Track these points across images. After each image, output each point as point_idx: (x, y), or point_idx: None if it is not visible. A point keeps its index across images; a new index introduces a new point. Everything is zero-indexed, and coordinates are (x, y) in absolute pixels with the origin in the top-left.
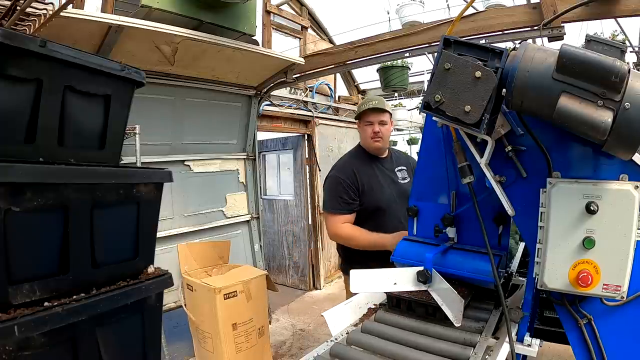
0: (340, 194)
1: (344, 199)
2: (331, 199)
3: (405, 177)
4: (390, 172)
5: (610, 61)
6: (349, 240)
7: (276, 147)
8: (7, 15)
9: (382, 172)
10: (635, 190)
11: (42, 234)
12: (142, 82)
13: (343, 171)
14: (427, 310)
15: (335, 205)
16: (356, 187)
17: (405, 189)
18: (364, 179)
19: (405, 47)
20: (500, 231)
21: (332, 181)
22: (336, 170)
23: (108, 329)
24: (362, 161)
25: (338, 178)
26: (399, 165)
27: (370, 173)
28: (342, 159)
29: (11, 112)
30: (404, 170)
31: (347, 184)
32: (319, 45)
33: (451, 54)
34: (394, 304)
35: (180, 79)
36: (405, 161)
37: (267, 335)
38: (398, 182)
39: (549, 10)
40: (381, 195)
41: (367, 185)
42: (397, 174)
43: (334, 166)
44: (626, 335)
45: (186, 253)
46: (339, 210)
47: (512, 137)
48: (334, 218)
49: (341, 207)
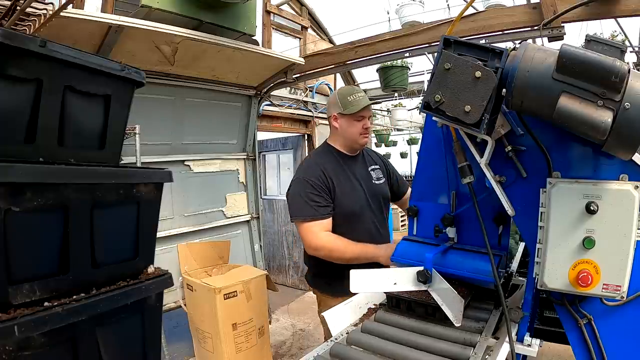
0: (312, 197)
1: (317, 202)
2: (301, 205)
3: (380, 177)
4: (364, 172)
5: (610, 61)
6: (331, 253)
7: (276, 147)
8: (7, 15)
9: (354, 173)
10: (635, 190)
11: (42, 234)
12: (142, 82)
13: (310, 172)
14: (426, 310)
15: (308, 210)
16: (328, 188)
17: (380, 191)
18: (334, 180)
19: (405, 47)
20: (500, 231)
21: (299, 185)
22: (302, 172)
23: (108, 329)
24: (330, 161)
25: (306, 180)
26: (371, 164)
27: (340, 174)
28: (306, 161)
29: (11, 112)
30: (378, 169)
31: (318, 186)
32: (319, 45)
33: (451, 54)
34: (393, 304)
35: (180, 79)
36: (378, 160)
37: (267, 335)
38: (373, 182)
39: (549, 10)
40: (355, 198)
41: (338, 188)
42: (371, 174)
43: (297, 170)
44: (626, 335)
45: (186, 253)
46: (313, 216)
47: (512, 137)
48: (308, 226)
49: (316, 211)
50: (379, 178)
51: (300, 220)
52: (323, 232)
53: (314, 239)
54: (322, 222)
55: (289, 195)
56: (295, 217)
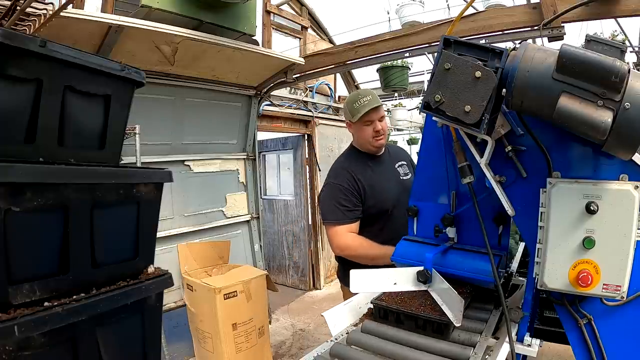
0: (341, 201)
1: (346, 206)
2: (331, 209)
3: (407, 172)
4: (391, 169)
5: (610, 61)
6: (356, 252)
7: (276, 147)
8: (7, 15)
9: (382, 171)
10: (635, 190)
11: (42, 234)
12: (142, 82)
13: (340, 177)
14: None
15: (337, 215)
16: (358, 192)
17: (409, 186)
18: (364, 182)
19: (405, 47)
20: (500, 231)
21: (330, 190)
22: (332, 177)
23: (108, 329)
24: (358, 163)
25: (336, 185)
26: (398, 160)
27: (369, 174)
28: (335, 166)
29: (11, 112)
30: (405, 165)
31: (348, 190)
32: (319, 45)
33: (451, 54)
34: (381, 315)
35: (180, 79)
36: (404, 155)
37: (267, 335)
38: (401, 179)
39: (549, 10)
40: (385, 196)
41: (368, 188)
42: (398, 170)
43: (328, 175)
44: (626, 335)
45: (186, 253)
46: (341, 220)
47: (512, 137)
48: (336, 229)
49: (344, 215)
50: (407, 173)
51: (329, 224)
52: (349, 233)
53: (340, 240)
54: (349, 225)
55: (320, 200)
56: (325, 221)
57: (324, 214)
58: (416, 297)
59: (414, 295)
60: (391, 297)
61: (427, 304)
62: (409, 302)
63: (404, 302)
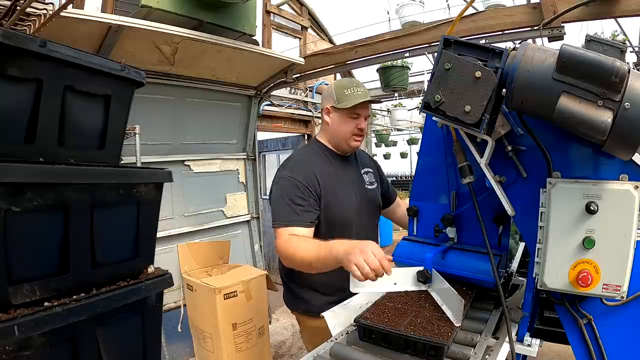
0: (297, 200)
1: (301, 206)
2: (284, 208)
3: (373, 181)
4: (357, 175)
5: (610, 61)
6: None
7: (276, 147)
8: (7, 15)
9: (348, 176)
10: (635, 190)
11: (42, 234)
12: (142, 82)
13: (298, 172)
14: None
15: (290, 215)
16: (316, 193)
17: (373, 197)
18: (324, 185)
19: (405, 47)
20: (500, 231)
21: (284, 185)
22: (288, 170)
23: (108, 329)
24: (321, 161)
25: (291, 180)
26: (364, 166)
27: (332, 177)
28: (295, 157)
29: (11, 112)
30: (371, 173)
31: (305, 188)
32: (319, 45)
33: (451, 54)
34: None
35: (180, 79)
36: (371, 163)
37: (267, 335)
38: (366, 187)
39: (549, 10)
40: (346, 206)
41: (329, 194)
42: (363, 178)
43: (283, 167)
44: (626, 335)
45: (186, 253)
46: (294, 222)
47: (512, 137)
48: (285, 232)
49: (299, 216)
50: (372, 182)
51: (279, 226)
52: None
53: (285, 244)
54: (303, 229)
55: (271, 197)
56: (275, 222)
57: (275, 215)
58: (407, 313)
59: (404, 311)
60: (376, 315)
61: (417, 322)
62: (397, 320)
63: (391, 321)
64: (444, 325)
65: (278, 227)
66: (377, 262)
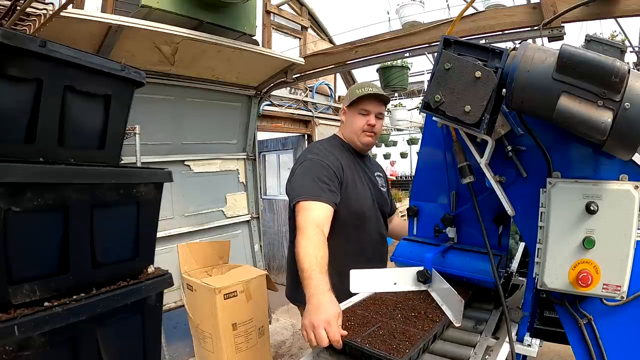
0: (324, 179)
1: (327, 184)
2: (310, 183)
3: (383, 185)
4: (372, 176)
5: (610, 61)
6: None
7: (276, 147)
8: (7, 15)
9: (365, 174)
10: (635, 190)
11: (42, 234)
12: (142, 82)
13: (327, 157)
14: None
15: (317, 190)
16: (339, 179)
17: (385, 198)
18: (348, 176)
19: (405, 47)
20: (500, 231)
21: (312, 165)
22: (315, 154)
23: (108, 329)
24: (343, 153)
25: (321, 162)
26: (376, 170)
27: (353, 169)
28: (319, 145)
29: (11, 112)
30: (381, 177)
31: (332, 172)
32: (319, 45)
33: (451, 54)
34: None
35: (180, 79)
36: (380, 169)
37: (267, 335)
38: (379, 188)
39: (549, 10)
40: (364, 199)
41: (351, 186)
42: (377, 180)
43: (310, 150)
44: (626, 335)
45: (186, 253)
46: (320, 198)
47: (512, 137)
48: (309, 205)
49: (325, 193)
50: (383, 186)
51: (303, 199)
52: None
53: (304, 218)
54: (327, 207)
55: (294, 175)
56: (298, 197)
57: (296, 189)
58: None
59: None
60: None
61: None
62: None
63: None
64: (406, 341)
65: (304, 200)
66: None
